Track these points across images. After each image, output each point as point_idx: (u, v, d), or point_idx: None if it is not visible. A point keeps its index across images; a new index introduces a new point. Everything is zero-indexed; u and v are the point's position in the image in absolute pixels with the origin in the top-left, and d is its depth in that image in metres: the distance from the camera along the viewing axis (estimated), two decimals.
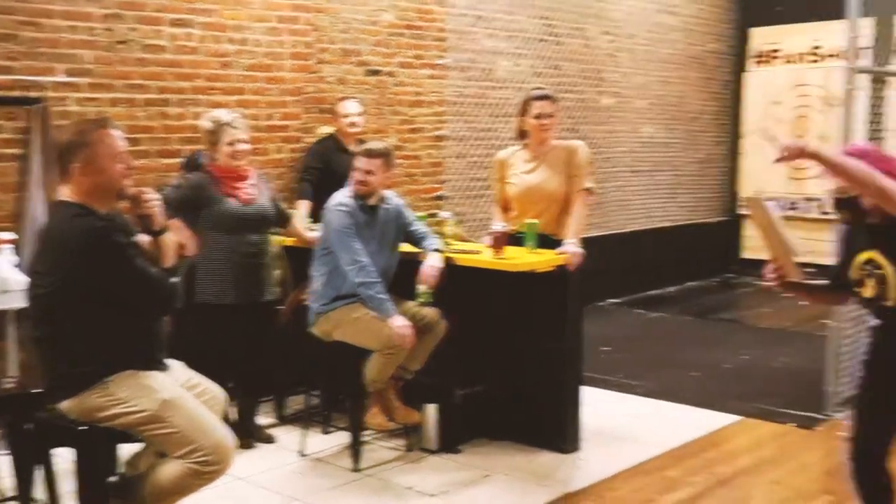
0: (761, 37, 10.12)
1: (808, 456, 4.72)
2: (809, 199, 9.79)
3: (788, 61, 9.94)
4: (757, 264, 10.79)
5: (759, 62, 10.16)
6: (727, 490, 4.26)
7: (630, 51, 8.93)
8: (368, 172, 4.46)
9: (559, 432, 4.72)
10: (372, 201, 4.53)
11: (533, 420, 4.77)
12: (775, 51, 10.02)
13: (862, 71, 5.32)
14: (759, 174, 10.15)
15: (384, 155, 4.53)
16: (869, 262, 3.12)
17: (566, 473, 4.47)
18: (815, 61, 9.72)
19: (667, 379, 6.07)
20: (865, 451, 3.37)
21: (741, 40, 10.25)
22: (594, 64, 8.52)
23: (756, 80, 10.15)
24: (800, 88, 9.82)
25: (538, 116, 4.80)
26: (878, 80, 7.78)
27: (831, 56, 9.52)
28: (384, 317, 4.28)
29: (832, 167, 2.96)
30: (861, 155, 3.05)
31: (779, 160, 3.00)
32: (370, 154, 4.51)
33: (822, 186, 9.58)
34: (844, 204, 3.15)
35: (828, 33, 9.46)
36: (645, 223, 9.34)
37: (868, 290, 3.13)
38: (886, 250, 3.07)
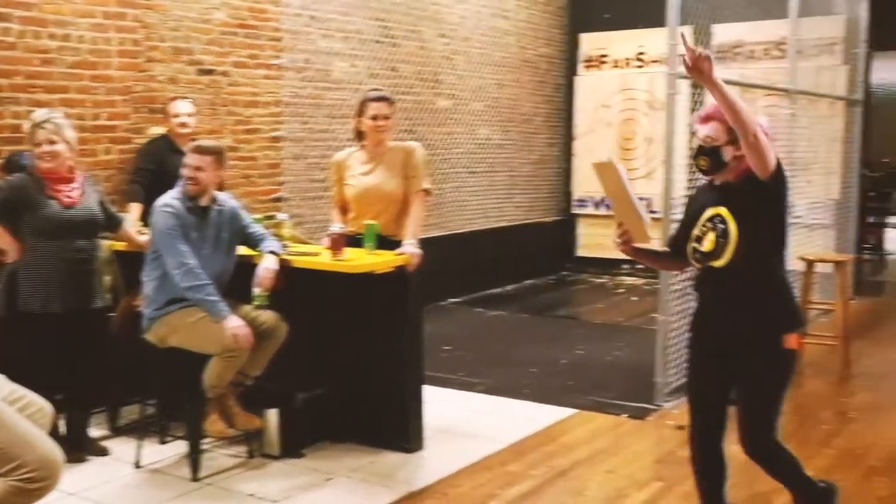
0: (590, 42, 10.47)
1: (640, 445, 4.91)
2: (638, 199, 10.18)
3: (616, 66, 10.34)
4: (591, 262, 11.27)
5: (588, 67, 10.52)
6: (565, 481, 4.37)
7: (465, 54, 9.06)
8: (198, 169, 4.33)
9: (402, 432, 4.72)
10: (203, 202, 4.40)
11: (376, 421, 4.77)
12: (604, 56, 10.40)
13: (682, 77, 5.57)
14: (592, 175, 10.49)
15: (215, 152, 4.41)
16: (715, 217, 3.26)
17: (409, 473, 4.49)
18: (641, 66, 10.15)
19: (506, 376, 6.19)
20: (701, 432, 3.49)
21: (572, 45, 10.58)
22: (430, 66, 8.60)
23: (586, 84, 10.50)
24: (627, 92, 10.22)
25: (374, 118, 4.79)
26: (698, 86, 8.18)
27: (655, 62, 9.96)
28: (218, 319, 4.17)
29: (726, 102, 3.03)
30: (721, 117, 3.18)
31: (688, 63, 3.06)
32: (200, 150, 4.39)
33: (649, 187, 10.03)
34: (707, 153, 3.25)
35: (651, 40, 9.90)
36: (483, 223, 9.50)
37: (707, 244, 3.25)
38: (734, 208, 3.21)
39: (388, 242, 4.72)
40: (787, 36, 7.33)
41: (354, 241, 4.70)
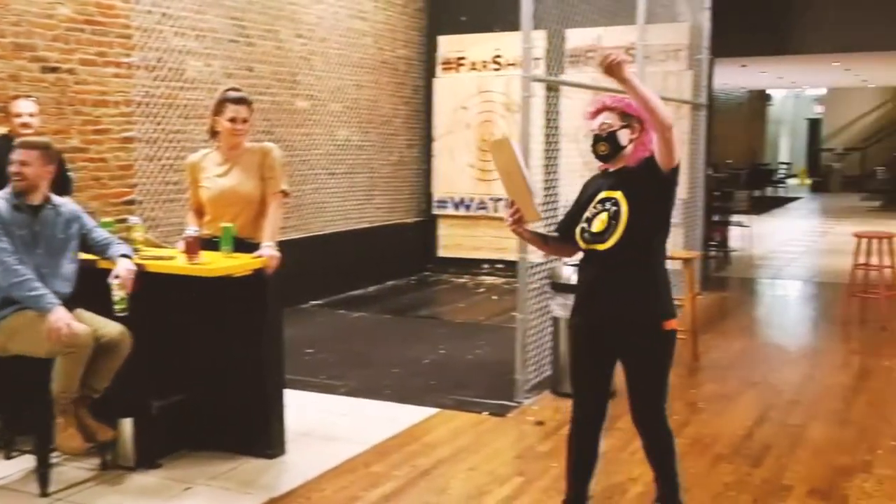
0: (448, 44, 10.58)
1: (502, 442, 4.99)
2: (497, 200, 10.36)
3: (473, 69, 10.48)
4: (452, 262, 11.35)
5: (446, 69, 10.62)
6: (428, 481, 4.40)
7: (323, 54, 9.00)
8: (24, 164, 4.16)
9: (263, 437, 4.66)
10: (34, 200, 4.22)
11: (236, 427, 4.68)
12: (461, 58, 10.53)
13: (536, 80, 5.71)
14: (451, 176, 10.63)
15: (41, 147, 4.25)
16: (608, 199, 3.41)
17: (271, 478, 4.42)
18: (497, 69, 10.32)
19: (368, 377, 6.18)
20: (583, 416, 3.64)
21: (430, 47, 10.66)
22: (288, 66, 8.51)
23: (444, 86, 10.61)
24: (484, 95, 10.38)
25: (232, 120, 4.69)
26: (552, 88, 8.39)
27: (511, 65, 10.15)
28: (44, 312, 4.01)
29: (639, 95, 3.21)
30: (612, 106, 3.43)
31: (601, 64, 3.20)
32: (26, 146, 4.24)
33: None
34: (605, 139, 3.40)
35: (507, 43, 10.09)
36: (343, 225, 9.46)
37: (598, 225, 3.40)
38: (628, 192, 3.37)
39: (245, 245, 4.64)
40: (635, 42, 7.60)
41: (211, 244, 4.60)
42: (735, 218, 12.42)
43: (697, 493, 4.21)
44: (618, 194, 3.39)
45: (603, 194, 3.45)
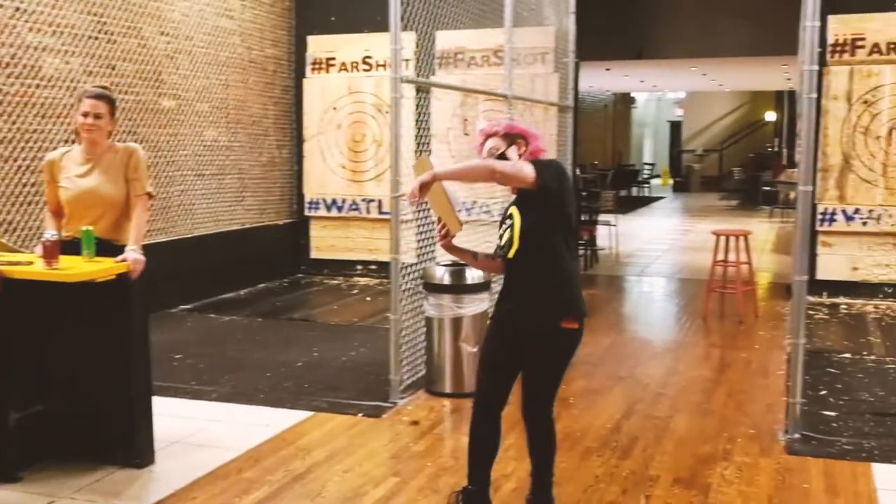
0: (318, 45, 10.50)
1: (377, 443, 4.98)
2: (369, 201, 10.34)
3: (343, 69, 10.42)
4: (325, 263, 11.27)
5: (316, 69, 10.54)
6: (303, 484, 4.35)
7: (189, 53, 8.79)
8: None
9: (130, 447, 4.51)
10: None
11: (102, 437, 4.53)
12: (331, 59, 10.46)
13: (406, 81, 5.73)
14: (323, 177, 10.55)
15: None
16: (509, 215, 3.76)
17: (140, 489, 4.29)
18: (368, 70, 10.30)
19: (241, 382, 6.08)
20: (485, 404, 3.83)
21: (299, 47, 10.56)
22: (152, 65, 8.27)
23: (314, 87, 10.52)
24: (355, 95, 10.35)
25: (85, 115, 4.51)
26: (422, 90, 8.43)
27: (381, 66, 10.15)
28: None
29: (456, 177, 3.59)
30: (493, 132, 3.77)
31: (413, 202, 3.46)
32: None
33: (379, 189, 10.20)
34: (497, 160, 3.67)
35: (377, 44, 10.09)
36: (213, 227, 9.26)
37: (503, 237, 3.75)
38: (520, 207, 3.71)
39: (109, 248, 4.48)
40: (503, 44, 7.72)
41: (72, 245, 4.43)
42: (602, 217, 12.76)
43: (568, 486, 4.31)
44: (514, 209, 3.74)
45: (508, 210, 3.79)
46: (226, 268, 9.35)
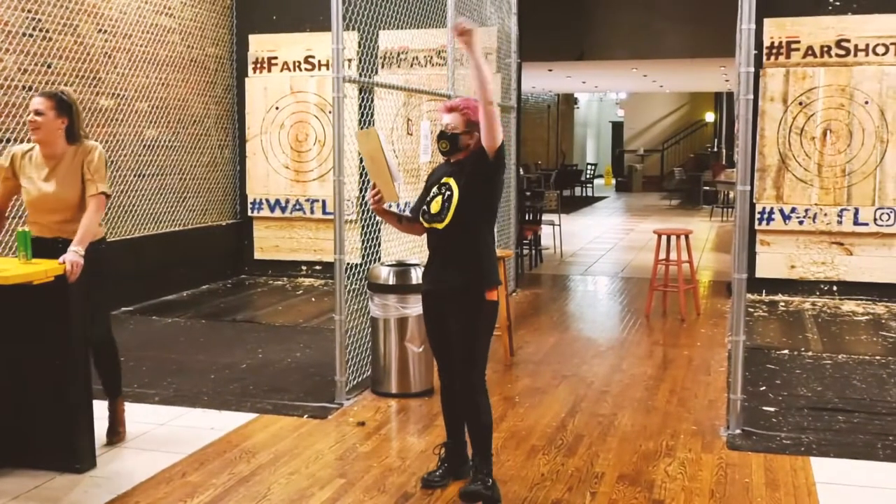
0: (259, 44, 10.41)
1: (322, 444, 4.95)
2: (313, 201, 10.28)
3: (286, 68, 10.35)
4: (269, 264, 11.18)
5: (258, 68, 10.44)
6: (248, 487, 4.31)
7: (128, 51, 8.66)
8: None
9: (71, 452, 4.43)
10: None
11: (41, 442, 4.44)
12: (273, 58, 10.37)
13: (349, 80, 5.70)
14: (266, 177, 10.46)
15: None
16: (443, 184, 3.97)
17: (80, 494, 4.21)
18: (310, 69, 10.24)
19: (184, 384, 6.00)
20: (445, 370, 4.20)
21: (241, 46, 10.46)
22: (89, 63, 8.12)
23: (257, 86, 10.43)
24: (298, 95, 10.28)
25: (31, 113, 4.49)
26: (365, 89, 8.41)
27: (324, 65, 10.10)
28: None
29: (478, 66, 3.79)
30: (463, 110, 3.99)
31: (457, 29, 3.76)
32: None
33: (323, 189, 10.15)
34: (448, 138, 3.97)
35: (319, 43, 10.03)
36: (153, 228, 9.13)
37: (434, 206, 3.96)
38: (459, 178, 3.93)
39: (61, 249, 4.46)
40: (446, 44, 7.73)
41: (42, 246, 4.46)
42: (545, 217, 12.84)
43: (514, 485, 4.33)
44: (451, 180, 3.96)
45: (444, 180, 4.01)
46: (168, 269, 9.23)
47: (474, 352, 4.03)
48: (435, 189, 4.02)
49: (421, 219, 4.06)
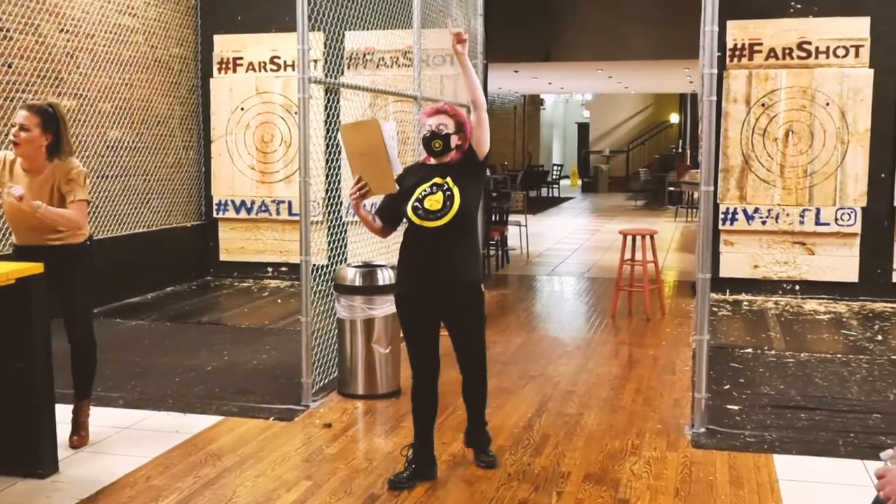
0: (224, 44, 10.34)
1: (289, 446, 4.93)
2: (279, 202, 10.23)
3: (251, 69, 10.29)
4: (235, 266, 11.10)
5: (223, 69, 10.38)
6: (213, 491, 4.28)
7: (90, 51, 8.57)
8: None
9: (33, 456, 4.38)
10: None
11: (2, 447, 4.37)
12: (239, 58, 10.31)
13: (314, 81, 5.68)
14: (231, 178, 10.40)
15: None
16: (439, 184, 4.09)
17: (44, 500, 4.15)
18: (276, 70, 10.19)
19: (148, 387, 5.95)
20: (424, 370, 4.30)
21: (206, 46, 10.38)
22: (51, 63, 8.03)
23: (222, 86, 10.36)
24: (263, 96, 10.22)
25: (14, 126, 4.50)
26: (331, 90, 8.39)
27: (290, 66, 10.06)
28: None
29: (471, 75, 4.08)
30: (454, 113, 4.18)
31: (456, 35, 4.00)
32: None
33: (289, 190, 10.10)
34: (441, 137, 4.11)
35: (285, 44, 9.99)
36: (117, 229, 9.04)
37: (433, 204, 4.05)
38: (456, 180, 4.10)
39: (62, 252, 4.61)
40: (412, 45, 7.73)
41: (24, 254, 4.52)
42: (512, 218, 12.87)
43: (481, 485, 4.34)
44: (448, 181, 4.09)
45: (435, 180, 4.10)
46: (132, 271, 9.14)
47: (480, 340, 4.34)
48: (426, 188, 4.09)
49: (412, 215, 4.09)
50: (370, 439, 5.13)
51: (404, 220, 4.22)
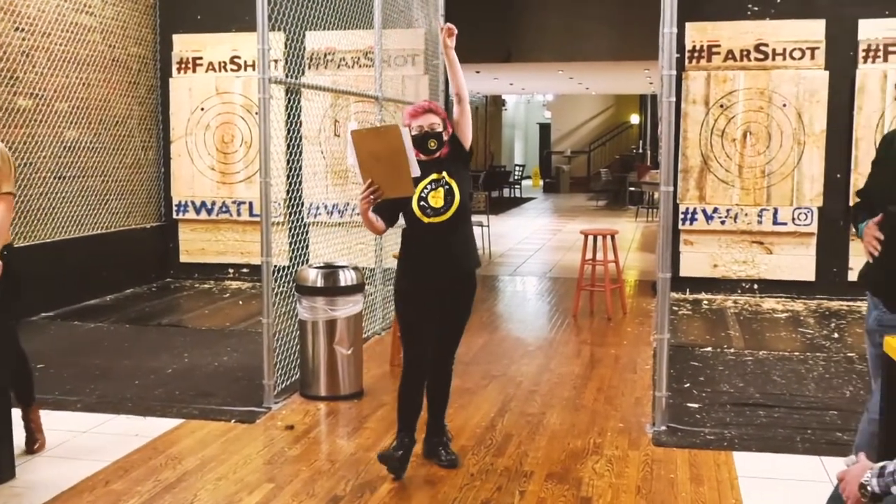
0: (184, 43, 10.25)
1: (251, 449, 4.90)
2: (240, 203, 10.17)
3: (211, 69, 10.21)
4: (196, 267, 11.01)
5: (182, 69, 10.29)
6: (174, 494, 4.24)
7: (46, 50, 8.45)
8: None
9: None
10: None
11: None
12: (198, 58, 10.23)
13: (275, 81, 5.65)
14: (191, 179, 10.31)
15: None
16: (436, 180, 4.20)
17: None
18: (236, 70, 10.12)
19: (107, 390, 5.88)
20: (418, 365, 4.34)
21: (164, 46, 10.28)
22: (6, 62, 7.90)
23: (181, 86, 10.27)
24: (223, 96, 10.15)
25: None
26: (292, 91, 8.35)
27: (250, 66, 9.99)
28: None
29: (458, 70, 4.24)
30: (440, 111, 4.31)
31: (446, 30, 4.23)
32: None
33: (249, 191, 10.04)
34: (435, 136, 4.21)
35: (245, 44, 9.93)
36: (75, 231, 8.92)
37: (436, 201, 4.18)
38: (451, 174, 4.23)
39: None
40: (373, 46, 7.72)
41: None
42: (474, 218, 12.87)
43: (443, 486, 4.35)
44: (444, 175, 4.22)
45: (433, 176, 4.21)
46: (90, 273, 9.03)
47: (462, 330, 4.51)
48: (427, 185, 4.20)
49: (420, 214, 4.20)
50: (332, 441, 5.11)
51: (402, 217, 4.32)
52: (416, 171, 4.02)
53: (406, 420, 4.42)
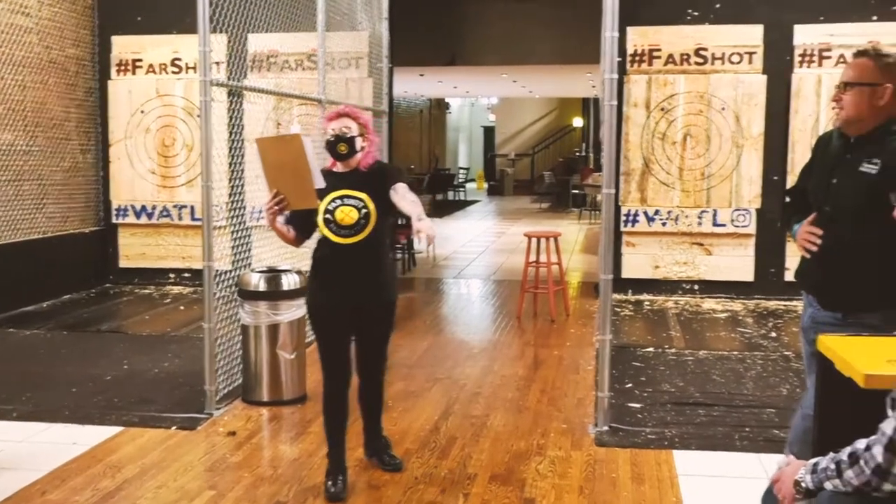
0: (123, 45, 10.10)
1: (192, 455, 4.83)
2: (181, 207, 10.04)
3: (151, 71, 10.07)
4: (136, 272, 10.84)
5: (122, 71, 10.13)
6: (113, 503, 4.17)
7: None
8: None
9: None
10: None
11: None
12: (138, 60, 10.08)
13: (216, 84, 5.60)
14: (131, 183, 10.16)
15: None
16: (352, 197, 4.02)
17: None
18: (177, 72, 9.99)
19: (44, 399, 5.76)
20: (338, 382, 4.22)
21: (103, 48, 10.12)
22: None
23: (121, 89, 10.11)
24: (164, 98, 10.01)
25: None
26: (234, 93, 8.26)
27: (191, 68, 9.88)
28: None
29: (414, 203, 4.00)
30: (356, 115, 4.15)
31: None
32: None
33: (191, 194, 9.92)
34: (346, 140, 4.05)
35: (186, 46, 9.81)
36: (10, 236, 8.73)
37: (346, 219, 4.00)
38: (370, 192, 4.04)
39: None
40: (316, 48, 7.67)
41: None
42: None
43: (388, 489, 4.34)
44: (363, 196, 4.04)
45: (342, 192, 4.04)
46: (26, 279, 8.84)
47: (386, 349, 4.40)
48: (337, 200, 4.03)
49: (326, 230, 4.05)
50: (275, 446, 5.07)
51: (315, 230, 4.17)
52: (319, 182, 3.87)
53: (334, 435, 4.29)
